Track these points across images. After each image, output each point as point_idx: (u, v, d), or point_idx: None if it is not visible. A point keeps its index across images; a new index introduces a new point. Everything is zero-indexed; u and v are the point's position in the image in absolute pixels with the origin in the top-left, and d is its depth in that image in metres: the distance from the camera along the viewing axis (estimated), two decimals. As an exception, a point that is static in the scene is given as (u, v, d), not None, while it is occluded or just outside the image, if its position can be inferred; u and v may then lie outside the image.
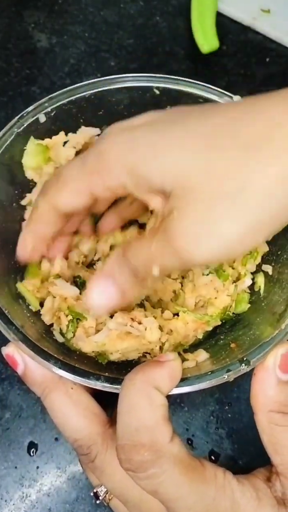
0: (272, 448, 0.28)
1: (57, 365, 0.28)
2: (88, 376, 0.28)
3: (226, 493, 0.26)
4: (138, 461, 0.25)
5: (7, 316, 0.30)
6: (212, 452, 0.38)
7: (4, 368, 0.41)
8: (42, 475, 0.38)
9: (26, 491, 0.37)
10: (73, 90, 0.37)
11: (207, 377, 0.29)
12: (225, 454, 0.38)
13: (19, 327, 0.30)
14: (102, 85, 0.37)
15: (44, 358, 0.28)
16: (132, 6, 0.60)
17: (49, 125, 0.37)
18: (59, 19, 0.58)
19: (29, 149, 0.36)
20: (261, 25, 0.57)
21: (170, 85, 0.37)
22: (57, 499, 0.37)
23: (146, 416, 0.25)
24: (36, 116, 0.36)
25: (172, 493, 0.25)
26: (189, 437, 0.39)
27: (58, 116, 0.37)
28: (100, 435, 0.28)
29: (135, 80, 0.37)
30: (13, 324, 0.30)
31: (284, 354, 0.29)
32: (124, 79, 0.37)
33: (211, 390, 0.40)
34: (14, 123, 0.35)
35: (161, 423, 0.25)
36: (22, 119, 0.35)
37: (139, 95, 0.37)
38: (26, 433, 0.39)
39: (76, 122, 0.38)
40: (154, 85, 0.37)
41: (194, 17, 0.56)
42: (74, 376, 0.28)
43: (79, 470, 0.38)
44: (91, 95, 0.37)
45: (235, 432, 0.39)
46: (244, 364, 0.29)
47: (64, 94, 0.36)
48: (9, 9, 0.59)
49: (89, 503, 0.37)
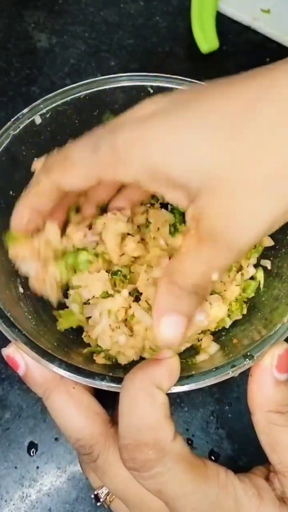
0: (270, 448, 0.28)
1: (62, 367, 0.28)
2: (93, 377, 0.28)
3: (229, 492, 0.26)
4: (142, 460, 0.25)
5: (9, 318, 0.30)
6: (212, 452, 0.38)
7: (4, 368, 0.41)
8: (42, 475, 0.38)
9: (26, 491, 0.37)
10: (68, 91, 0.37)
11: (212, 373, 0.29)
12: (225, 454, 0.38)
13: (21, 329, 0.30)
14: (96, 85, 0.37)
15: (48, 360, 0.28)
16: (132, 6, 0.60)
17: (45, 126, 0.37)
18: (59, 19, 0.58)
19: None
20: (261, 25, 0.57)
21: (163, 84, 0.37)
22: (57, 499, 0.37)
23: (148, 415, 0.25)
24: (31, 118, 0.36)
25: (176, 491, 0.25)
26: (189, 437, 0.39)
27: (54, 117, 0.37)
28: (102, 435, 0.28)
29: (129, 80, 0.37)
30: (16, 326, 0.30)
31: (280, 355, 0.29)
32: (118, 79, 0.37)
33: (211, 390, 0.40)
34: (10, 125, 0.35)
35: (164, 422, 0.25)
36: (18, 121, 0.35)
37: (134, 94, 0.37)
38: (26, 433, 0.39)
39: (72, 123, 0.38)
40: (148, 84, 0.37)
41: (194, 17, 0.56)
42: (79, 377, 0.28)
43: (79, 470, 0.38)
44: (86, 95, 0.37)
45: (235, 432, 0.39)
46: (248, 359, 0.29)
47: (59, 95, 0.36)
48: (9, 9, 0.59)
49: (89, 503, 0.37)
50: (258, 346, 0.30)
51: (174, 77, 0.37)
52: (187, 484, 0.25)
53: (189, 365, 0.34)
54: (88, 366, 0.30)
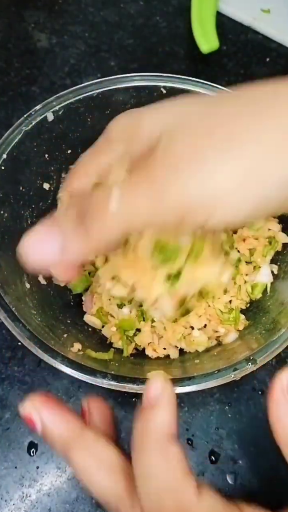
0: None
1: (64, 363, 0.28)
2: (95, 374, 0.29)
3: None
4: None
5: (14, 313, 0.30)
6: (212, 452, 0.38)
7: (4, 368, 0.41)
8: (42, 475, 0.38)
9: (26, 491, 0.37)
10: (81, 89, 0.37)
11: (214, 375, 0.29)
12: (225, 454, 0.38)
13: (26, 324, 0.30)
14: (109, 84, 0.37)
15: (51, 356, 0.29)
16: (132, 6, 0.60)
17: (57, 123, 0.37)
18: (59, 19, 0.58)
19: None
20: (261, 25, 0.57)
21: (177, 84, 0.37)
22: (57, 499, 0.37)
23: (164, 477, 0.23)
24: (44, 115, 0.36)
25: None
26: (189, 437, 0.39)
27: (66, 115, 0.37)
28: (126, 490, 0.26)
29: (142, 79, 0.37)
30: (20, 321, 0.30)
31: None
32: (132, 78, 0.37)
33: (211, 390, 0.40)
34: (22, 121, 0.35)
35: (182, 480, 0.23)
36: (30, 117, 0.36)
37: (146, 94, 0.37)
38: (26, 433, 0.39)
39: (84, 121, 0.38)
40: (161, 84, 0.37)
41: (194, 17, 0.56)
42: (80, 374, 0.28)
43: (79, 470, 0.38)
44: (99, 94, 0.37)
45: (235, 432, 0.39)
46: (251, 363, 0.29)
47: (72, 93, 0.37)
48: (9, 9, 0.59)
49: (89, 503, 0.37)
50: (262, 350, 0.30)
51: (189, 78, 0.37)
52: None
53: (192, 367, 0.34)
54: (93, 364, 0.30)
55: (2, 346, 0.41)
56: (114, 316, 0.39)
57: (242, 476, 0.37)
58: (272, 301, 0.36)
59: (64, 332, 0.35)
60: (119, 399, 0.39)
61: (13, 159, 0.35)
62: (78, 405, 0.39)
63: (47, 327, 0.33)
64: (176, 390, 0.28)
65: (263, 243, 0.39)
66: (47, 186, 0.39)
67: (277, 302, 0.35)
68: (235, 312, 0.38)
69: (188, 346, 0.38)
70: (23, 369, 0.40)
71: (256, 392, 0.40)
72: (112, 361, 0.35)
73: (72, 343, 0.35)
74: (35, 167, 0.38)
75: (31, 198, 0.38)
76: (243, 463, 0.38)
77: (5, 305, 0.30)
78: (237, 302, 0.38)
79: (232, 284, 0.38)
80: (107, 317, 0.39)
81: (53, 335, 0.33)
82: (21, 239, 0.24)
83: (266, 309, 0.36)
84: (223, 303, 0.38)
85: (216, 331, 0.38)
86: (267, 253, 0.38)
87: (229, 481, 0.37)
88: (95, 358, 0.34)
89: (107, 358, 0.35)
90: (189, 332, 0.38)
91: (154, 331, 0.38)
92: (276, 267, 0.38)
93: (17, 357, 0.41)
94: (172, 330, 0.38)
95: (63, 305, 0.39)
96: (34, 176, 0.38)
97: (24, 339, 0.29)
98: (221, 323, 0.38)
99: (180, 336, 0.38)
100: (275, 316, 0.34)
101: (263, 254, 0.38)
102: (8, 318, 0.30)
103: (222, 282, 0.29)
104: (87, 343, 0.36)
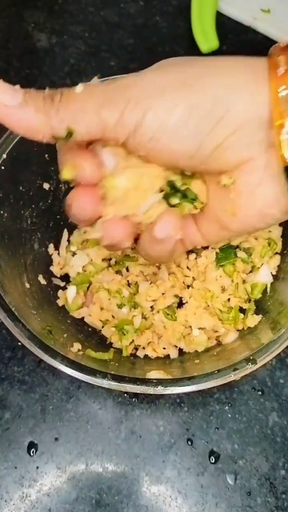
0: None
1: (64, 363, 0.28)
2: (95, 374, 0.29)
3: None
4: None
5: (14, 313, 0.30)
6: (212, 452, 0.38)
7: (4, 368, 0.41)
8: (42, 475, 0.38)
9: (26, 491, 0.37)
10: None
11: (214, 375, 0.29)
12: (225, 454, 0.38)
13: (25, 323, 0.30)
14: None
15: (51, 356, 0.29)
16: (132, 6, 0.60)
17: None
18: (59, 19, 0.58)
19: None
20: (261, 25, 0.57)
21: None
22: (57, 499, 0.37)
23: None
24: None
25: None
26: (189, 437, 0.39)
27: None
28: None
29: None
30: (20, 321, 0.30)
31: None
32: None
33: (211, 390, 0.40)
34: None
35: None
36: None
37: None
38: (26, 433, 0.39)
39: None
40: None
41: (194, 17, 0.56)
42: (80, 374, 0.28)
43: (79, 470, 0.38)
44: None
45: (235, 432, 0.39)
46: (251, 363, 0.29)
47: None
48: (9, 9, 0.59)
49: (89, 503, 0.37)
50: (262, 350, 0.30)
51: None
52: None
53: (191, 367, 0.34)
54: (93, 364, 0.30)
55: (2, 346, 0.41)
56: (114, 316, 0.39)
57: (242, 476, 0.37)
58: (272, 301, 0.36)
59: (64, 332, 0.35)
60: (119, 399, 0.39)
61: (13, 159, 0.35)
62: (78, 405, 0.39)
63: (47, 327, 0.33)
64: (176, 390, 0.28)
65: (262, 243, 0.39)
66: (47, 186, 0.39)
67: (277, 302, 0.36)
68: (234, 311, 0.38)
69: (187, 346, 0.38)
70: (23, 369, 0.40)
71: (256, 392, 0.40)
72: (112, 361, 0.35)
73: (72, 343, 0.35)
74: (35, 167, 0.38)
75: (31, 198, 0.38)
76: (243, 463, 0.38)
77: (5, 305, 0.30)
78: (235, 301, 0.38)
79: (230, 281, 0.38)
80: (107, 317, 0.39)
81: (53, 335, 0.33)
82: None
83: (266, 309, 0.37)
84: (221, 301, 0.38)
85: (216, 331, 0.38)
86: (265, 254, 0.38)
87: (229, 481, 0.37)
88: (95, 358, 0.34)
89: (107, 358, 0.35)
90: (189, 332, 0.38)
91: (154, 330, 0.38)
92: (275, 267, 0.38)
93: (17, 357, 0.41)
94: (172, 329, 0.38)
95: (63, 305, 0.39)
96: (34, 176, 0.38)
97: (24, 339, 0.29)
98: (222, 322, 0.38)
99: (179, 335, 0.38)
100: (275, 316, 0.34)
101: (261, 255, 0.38)
102: (8, 318, 0.30)
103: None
104: (87, 343, 0.36)
